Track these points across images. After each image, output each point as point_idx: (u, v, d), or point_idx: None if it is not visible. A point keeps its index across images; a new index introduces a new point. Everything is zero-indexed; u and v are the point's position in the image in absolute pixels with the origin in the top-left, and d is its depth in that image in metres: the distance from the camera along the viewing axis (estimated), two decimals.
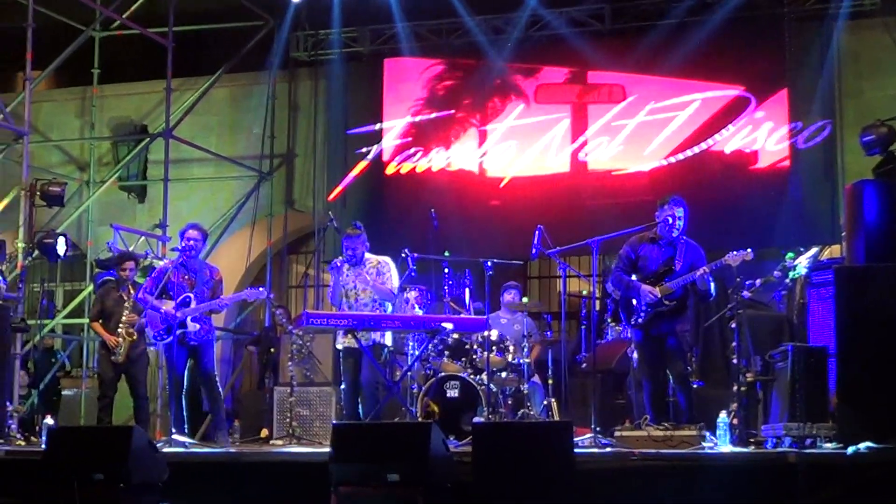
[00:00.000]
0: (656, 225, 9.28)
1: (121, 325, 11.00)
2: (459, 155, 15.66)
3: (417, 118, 15.88)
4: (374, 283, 10.01)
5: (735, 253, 8.96)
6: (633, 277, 9.36)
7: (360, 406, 10.01)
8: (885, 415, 7.53)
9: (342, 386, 10.26)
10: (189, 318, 10.15)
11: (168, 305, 10.16)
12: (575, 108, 15.28)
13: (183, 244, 10.36)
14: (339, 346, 10.12)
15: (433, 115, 15.83)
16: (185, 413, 10.47)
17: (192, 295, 10.24)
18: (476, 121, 15.71)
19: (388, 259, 10.31)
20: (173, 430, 9.94)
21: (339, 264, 10.17)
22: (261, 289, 10.73)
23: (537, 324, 11.93)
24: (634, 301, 9.29)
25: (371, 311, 9.97)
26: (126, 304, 11.06)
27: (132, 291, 11.08)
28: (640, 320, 9.25)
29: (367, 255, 10.23)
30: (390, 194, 15.68)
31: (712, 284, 9.06)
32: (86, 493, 7.42)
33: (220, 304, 10.39)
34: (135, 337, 10.97)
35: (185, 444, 9.83)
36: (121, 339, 10.96)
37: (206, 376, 10.47)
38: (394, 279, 10.23)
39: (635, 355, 10.24)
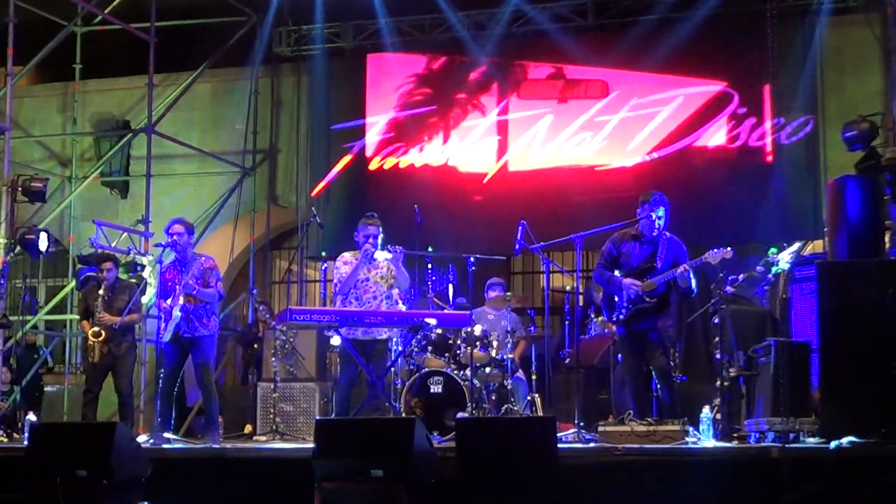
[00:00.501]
0: (638, 222, 9.29)
1: (92, 327, 11.00)
2: (442, 151, 15.66)
3: (400, 113, 15.87)
4: (398, 271, 9.88)
5: (715, 251, 8.95)
6: (616, 274, 9.36)
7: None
8: (868, 409, 7.56)
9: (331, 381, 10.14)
10: (176, 309, 10.08)
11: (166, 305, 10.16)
12: (558, 103, 15.29)
13: (168, 240, 10.30)
14: (337, 342, 9.84)
15: (416, 111, 15.83)
16: (172, 410, 10.43)
17: (178, 287, 10.19)
18: (458, 117, 15.71)
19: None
20: (158, 425, 9.91)
21: (372, 251, 9.80)
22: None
23: (521, 319, 11.93)
24: (616, 298, 9.29)
25: (386, 305, 9.84)
26: (97, 304, 11.06)
27: (105, 293, 11.07)
28: (621, 317, 9.25)
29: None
30: (373, 190, 15.66)
31: (693, 281, 9.05)
32: (68, 489, 7.41)
33: (188, 287, 10.17)
34: (102, 337, 10.92)
35: (168, 441, 9.81)
36: (91, 341, 10.94)
37: (198, 375, 10.35)
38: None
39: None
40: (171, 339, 10.08)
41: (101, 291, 11.12)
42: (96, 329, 10.96)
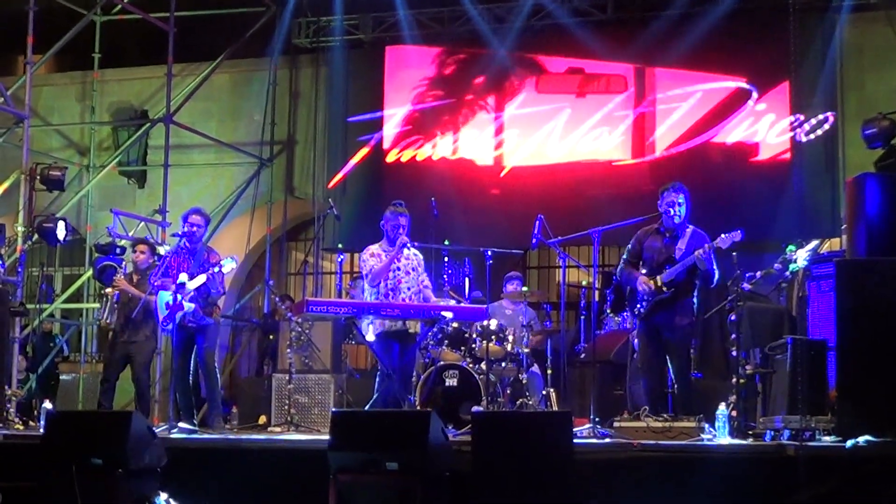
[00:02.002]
0: (659, 216, 9.25)
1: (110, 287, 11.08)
2: (460, 144, 15.66)
3: (418, 106, 15.86)
4: (420, 279, 9.92)
5: (724, 235, 8.87)
6: (643, 270, 9.31)
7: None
8: (884, 408, 7.52)
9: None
10: (185, 300, 10.12)
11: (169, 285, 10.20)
12: (576, 98, 15.26)
13: (185, 228, 10.34)
14: (380, 332, 9.77)
15: (434, 104, 15.83)
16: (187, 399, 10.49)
17: (185, 275, 10.22)
18: (476, 110, 15.70)
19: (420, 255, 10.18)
20: (171, 416, 9.95)
21: (406, 243, 9.74)
22: (233, 256, 10.58)
23: (537, 314, 11.92)
24: (637, 291, 9.24)
25: (411, 299, 9.80)
26: (119, 272, 11.13)
27: (136, 274, 11.11)
28: (641, 310, 9.21)
29: None
30: (390, 182, 15.65)
31: (715, 266, 8.94)
32: (84, 477, 7.42)
33: (207, 280, 10.21)
34: (109, 293, 10.93)
35: (193, 431, 9.90)
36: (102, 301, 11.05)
37: (202, 359, 10.44)
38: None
39: (636, 342, 10.21)
40: (177, 328, 10.16)
41: (129, 270, 11.18)
42: (109, 290, 11.00)
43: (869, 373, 7.71)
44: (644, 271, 9.24)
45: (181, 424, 9.96)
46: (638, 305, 9.22)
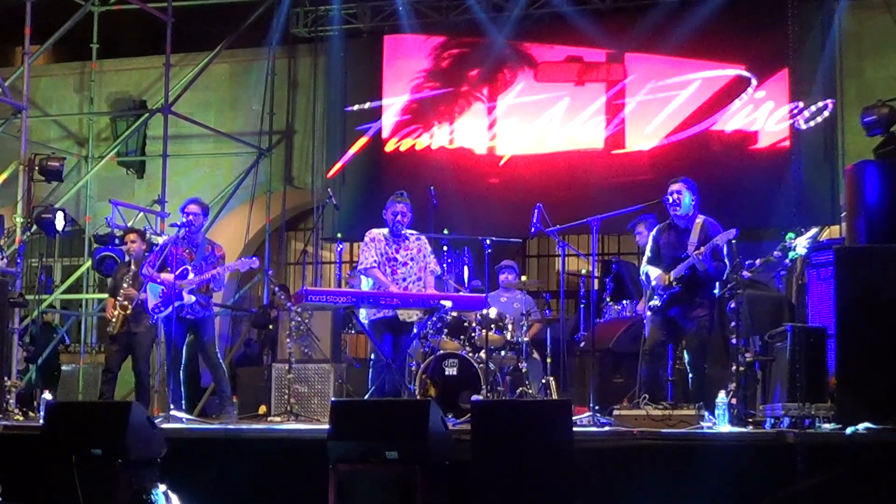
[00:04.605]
0: (659, 203, 9.28)
1: (118, 297, 10.99)
2: (459, 133, 15.63)
3: (417, 95, 15.83)
4: (425, 265, 9.94)
5: (721, 234, 8.97)
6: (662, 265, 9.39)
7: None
8: (884, 396, 7.52)
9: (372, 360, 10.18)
10: (185, 291, 10.12)
11: (168, 278, 10.17)
12: (575, 86, 15.24)
13: (183, 219, 10.34)
14: (372, 319, 9.85)
15: (433, 93, 15.80)
16: (182, 389, 10.49)
17: (189, 268, 10.22)
18: (475, 99, 15.67)
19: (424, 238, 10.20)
20: (171, 406, 9.96)
21: (384, 235, 9.89)
22: (253, 258, 10.67)
23: (536, 302, 11.91)
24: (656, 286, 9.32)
25: (408, 289, 9.86)
26: (126, 277, 11.05)
27: (134, 267, 11.08)
28: (658, 304, 9.24)
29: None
30: (389, 172, 15.63)
31: (716, 265, 9.00)
32: (83, 467, 7.43)
33: (213, 277, 10.27)
34: (129, 311, 10.93)
35: (182, 420, 9.85)
36: (115, 311, 10.95)
37: (206, 353, 10.46)
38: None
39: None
40: (175, 319, 10.16)
41: (132, 265, 11.12)
42: (125, 302, 10.96)
43: (868, 360, 7.71)
44: (664, 265, 9.31)
45: (173, 413, 9.94)
46: (655, 299, 9.27)
